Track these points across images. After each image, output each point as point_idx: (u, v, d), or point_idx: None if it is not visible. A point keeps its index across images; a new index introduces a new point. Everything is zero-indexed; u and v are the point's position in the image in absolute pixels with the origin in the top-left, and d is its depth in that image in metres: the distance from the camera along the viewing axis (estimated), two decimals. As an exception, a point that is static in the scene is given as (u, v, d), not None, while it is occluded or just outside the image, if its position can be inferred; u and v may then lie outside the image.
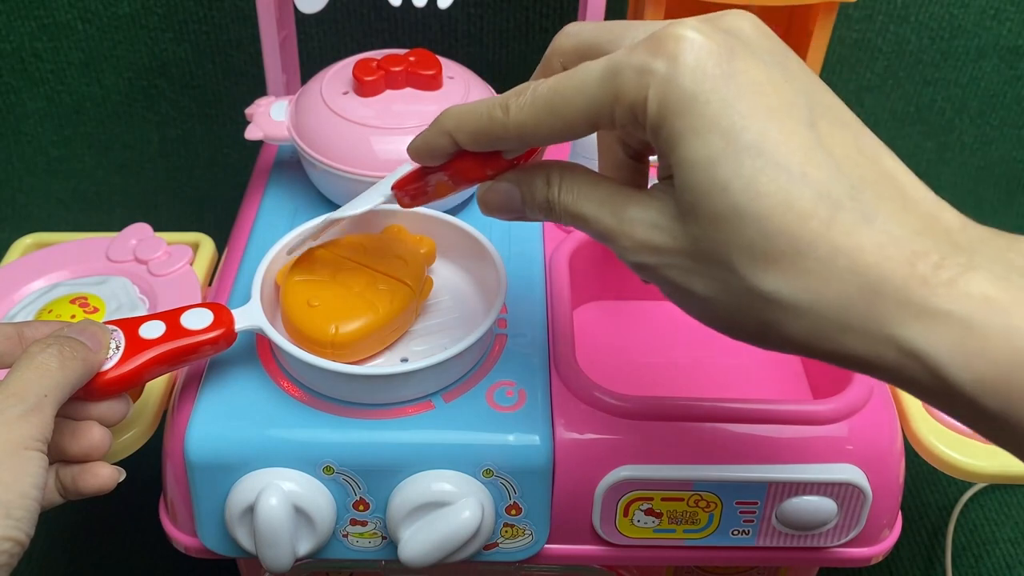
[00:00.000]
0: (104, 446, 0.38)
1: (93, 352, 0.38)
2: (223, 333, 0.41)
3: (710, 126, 0.27)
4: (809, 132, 0.28)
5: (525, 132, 0.31)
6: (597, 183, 0.32)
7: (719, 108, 0.27)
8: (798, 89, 0.28)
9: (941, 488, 0.75)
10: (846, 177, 0.27)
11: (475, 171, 0.35)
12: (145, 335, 0.40)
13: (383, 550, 0.44)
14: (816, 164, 0.27)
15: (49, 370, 0.35)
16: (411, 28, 0.73)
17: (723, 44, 0.28)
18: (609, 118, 0.30)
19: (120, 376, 0.39)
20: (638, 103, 0.28)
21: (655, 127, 0.28)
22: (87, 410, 0.39)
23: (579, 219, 0.32)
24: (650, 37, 0.29)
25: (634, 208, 0.30)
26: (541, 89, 0.31)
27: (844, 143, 0.28)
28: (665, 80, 0.28)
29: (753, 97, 0.27)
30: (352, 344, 0.43)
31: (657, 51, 0.28)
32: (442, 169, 0.36)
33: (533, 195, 0.34)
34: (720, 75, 0.27)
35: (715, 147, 0.27)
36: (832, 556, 0.46)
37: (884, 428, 0.44)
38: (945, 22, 0.73)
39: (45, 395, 0.34)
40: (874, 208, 0.27)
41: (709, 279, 0.29)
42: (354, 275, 0.45)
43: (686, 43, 0.28)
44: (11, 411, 0.33)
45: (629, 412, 0.43)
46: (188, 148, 0.79)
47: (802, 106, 0.28)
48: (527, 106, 0.31)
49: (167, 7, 0.71)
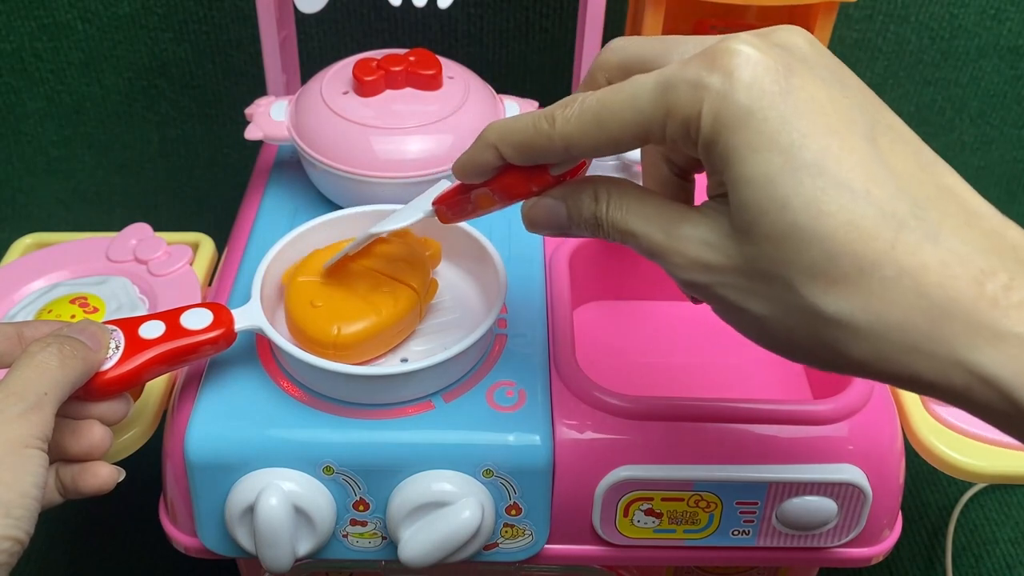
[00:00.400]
0: (105, 445, 0.38)
1: (93, 351, 0.38)
2: (223, 333, 0.41)
3: (768, 143, 0.27)
4: (870, 149, 0.27)
5: (571, 145, 0.31)
6: (646, 199, 0.32)
7: (777, 125, 0.27)
8: (857, 105, 0.28)
9: (941, 488, 0.75)
10: (909, 195, 0.27)
11: (520, 186, 0.34)
12: (145, 335, 0.40)
13: (383, 550, 0.44)
14: (878, 182, 0.27)
15: (49, 368, 0.35)
16: (411, 28, 0.73)
17: (779, 60, 0.28)
18: (660, 133, 0.29)
19: (120, 376, 0.39)
20: (692, 118, 0.28)
21: (709, 143, 0.28)
22: (87, 410, 0.39)
23: (628, 235, 0.32)
24: (704, 52, 0.28)
25: (686, 225, 0.30)
26: (589, 101, 0.30)
27: (905, 160, 0.28)
28: (721, 95, 0.27)
29: (812, 114, 0.27)
30: (354, 346, 0.43)
31: (712, 66, 0.27)
32: (486, 185, 0.35)
33: (580, 211, 0.33)
34: (778, 91, 0.27)
35: (774, 165, 0.27)
36: (832, 556, 0.46)
37: (884, 428, 0.44)
38: (945, 22, 0.73)
39: (45, 393, 0.34)
40: (938, 226, 0.26)
41: (766, 298, 0.28)
42: (359, 277, 0.45)
43: (742, 58, 0.27)
44: (11, 410, 0.33)
45: (629, 412, 0.43)
46: (188, 148, 0.79)
47: (861, 122, 0.28)
48: (574, 118, 0.30)
49: (167, 7, 0.71)
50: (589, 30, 0.56)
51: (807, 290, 0.27)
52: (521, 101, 0.57)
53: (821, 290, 0.27)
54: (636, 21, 0.61)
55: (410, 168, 0.51)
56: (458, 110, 0.53)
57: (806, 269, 0.27)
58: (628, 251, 0.55)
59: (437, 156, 0.51)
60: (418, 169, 0.51)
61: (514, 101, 0.57)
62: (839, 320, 0.27)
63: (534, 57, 0.75)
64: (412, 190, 0.51)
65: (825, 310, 0.27)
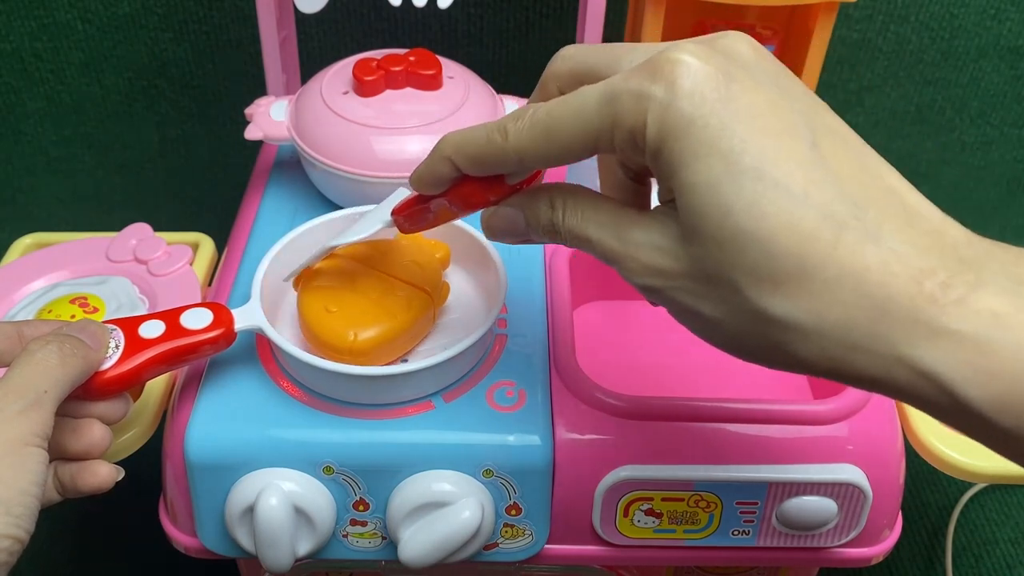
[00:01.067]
0: (104, 444, 0.38)
1: (93, 350, 0.38)
2: (223, 333, 0.41)
3: (709, 149, 0.27)
4: (810, 152, 0.28)
5: (524, 156, 0.31)
6: (600, 205, 0.32)
7: (718, 131, 0.27)
8: (798, 110, 0.28)
9: (941, 488, 0.75)
10: (850, 196, 0.27)
11: (477, 196, 0.35)
12: (145, 334, 0.40)
13: (383, 550, 0.44)
14: (818, 183, 0.27)
15: (49, 366, 0.35)
16: (411, 28, 0.73)
17: (720, 67, 0.28)
18: (608, 143, 0.30)
19: (120, 375, 0.39)
20: (637, 128, 0.28)
21: (655, 152, 0.29)
22: (87, 408, 0.39)
23: (584, 242, 0.32)
24: (647, 62, 0.29)
25: (637, 231, 0.31)
26: (539, 114, 0.31)
27: (847, 162, 0.28)
28: (663, 105, 0.28)
29: (752, 119, 0.27)
30: (371, 351, 0.43)
31: (655, 76, 0.28)
32: (445, 195, 0.36)
33: (538, 219, 0.34)
34: (718, 99, 0.27)
35: (716, 170, 0.27)
36: (832, 556, 0.46)
37: (884, 428, 0.44)
38: (945, 22, 0.73)
39: (45, 391, 0.34)
40: (878, 226, 0.27)
41: (716, 301, 0.29)
42: (372, 281, 0.45)
43: (683, 67, 0.28)
44: (11, 408, 0.33)
45: (629, 412, 0.43)
46: (188, 148, 0.79)
47: (802, 126, 0.28)
48: (525, 131, 0.31)
49: (167, 7, 0.71)
50: (589, 30, 0.56)
51: (752, 292, 0.27)
52: (521, 101, 0.57)
53: (766, 292, 0.27)
54: (636, 21, 0.61)
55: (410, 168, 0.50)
56: (458, 110, 0.53)
57: (750, 272, 0.27)
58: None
59: (437, 156, 0.51)
60: (418, 169, 0.51)
61: (514, 101, 0.57)
62: (785, 321, 0.27)
63: (534, 57, 0.75)
64: (412, 190, 0.51)
65: (770, 311, 0.27)
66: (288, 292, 0.48)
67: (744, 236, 0.27)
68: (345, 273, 0.45)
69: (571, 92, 0.31)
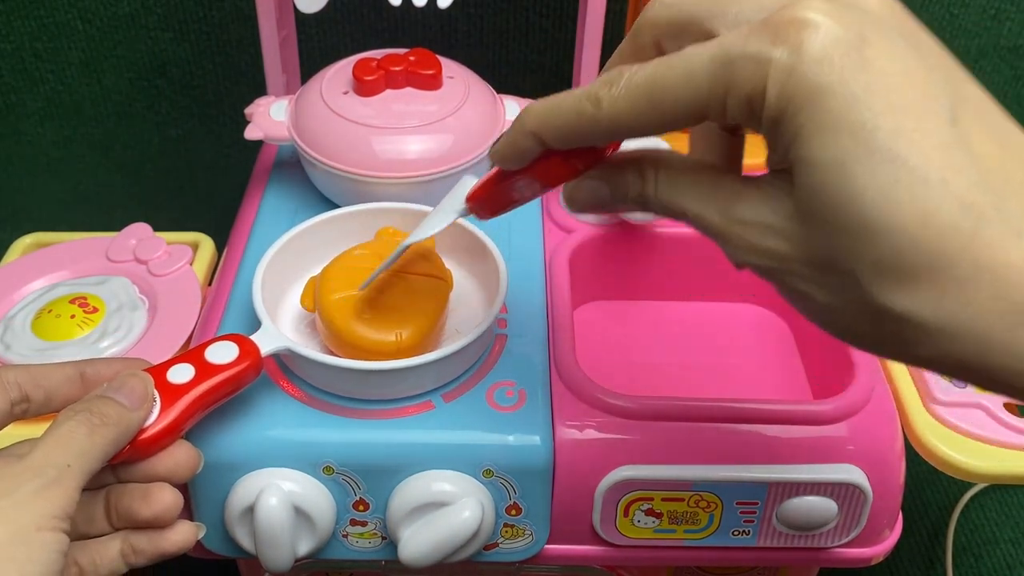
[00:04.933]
0: (176, 509, 0.36)
1: (130, 410, 0.35)
2: (251, 364, 0.40)
3: (838, 123, 0.25)
4: (950, 130, 0.25)
5: (620, 126, 0.28)
6: (697, 175, 0.30)
7: (848, 103, 0.24)
8: (937, 80, 0.25)
9: (941, 488, 0.75)
10: (991, 183, 0.25)
11: (562, 171, 0.32)
12: (175, 380, 0.38)
13: (383, 550, 0.44)
14: (957, 169, 0.24)
15: (75, 439, 0.33)
16: (411, 28, 0.73)
17: (852, 28, 0.25)
18: (719, 111, 0.27)
19: (164, 429, 0.37)
20: (755, 95, 0.26)
21: (773, 121, 0.26)
22: (153, 469, 0.37)
23: (679, 214, 0.30)
24: (767, 22, 0.26)
25: (744, 206, 0.28)
26: (637, 78, 0.27)
27: (989, 141, 0.25)
28: (787, 71, 0.25)
29: (886, 91, 0.25)
30: (417, 345, 0.43)
31: (777, 37, 0.25)
32: (526, 172, 0.33)
33: (625, 190, 0.31)
34: (849, 65, 0.25)
35: (843, 148, 0.25)
36: (832, 556, 0.46)
37: (884, 428, 0.44)
38: (945, 22, 0.73)
39: (68, 465, 0.32)
40: (1022, 218, 0.24)
41: (832, 290, 0.27)
42: (386, 281, 0.45)
43: (810, 28, 0.25)
44: (25, 488, 0.31)
45: (629, 412, 0.43)
46: (188, 148, 0.79)
47: (942, 98, 0.25)
48: (622, 99, 0.28)
49: (167, 7, 0.71)
50: (589, 30, 0.56)
51: (875, 287, 0.25)
52: (521, 101, 0.57)
53: (889, 287, 0.25)
54: (636, 21, 0.61)
55: (410, 168, 0.51)
56: (458, 110, 0.53)
57: (874, 264, 0.25)
58: (629, 250, 0.55)
59: (437, 156, 0.51)
60: (418, 169, 0.51)
61: (514, 101, 0.57)
62: (908, 319, 0.25)
63: (534, 57, 0.75)
64: (412, 190, 0.51)
65: (893, 308, 0.25)
66: (288, 292, 0.48)
67: (872, 226, 0.24)
68: (356, 280, 0.44)
69: (672, 51, 0.27)
